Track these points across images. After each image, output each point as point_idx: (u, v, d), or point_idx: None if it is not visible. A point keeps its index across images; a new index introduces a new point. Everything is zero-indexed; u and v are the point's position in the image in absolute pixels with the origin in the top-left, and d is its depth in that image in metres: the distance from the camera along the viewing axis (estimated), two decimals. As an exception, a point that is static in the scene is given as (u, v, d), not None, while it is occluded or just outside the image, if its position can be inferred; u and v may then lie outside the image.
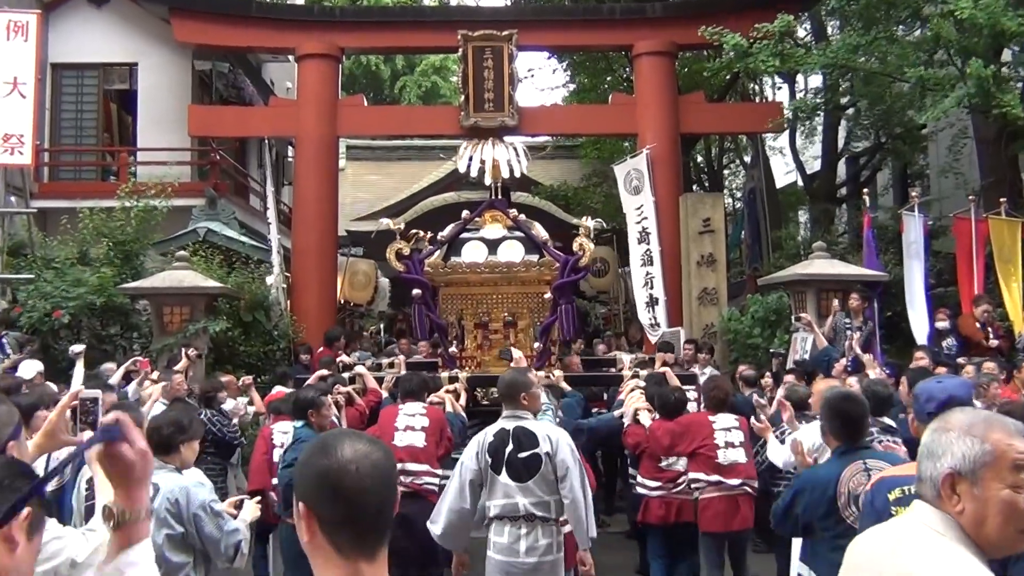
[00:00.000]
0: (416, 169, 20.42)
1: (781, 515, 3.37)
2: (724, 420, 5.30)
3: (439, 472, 5.42)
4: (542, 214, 16.06)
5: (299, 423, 4.90)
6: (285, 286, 10.60)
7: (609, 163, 14.16)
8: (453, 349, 8.16)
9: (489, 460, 4.00)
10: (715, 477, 5.14)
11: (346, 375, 7.30)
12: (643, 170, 10.88)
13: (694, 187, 16.88)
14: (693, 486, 5.25)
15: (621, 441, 5.80)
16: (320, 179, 11.32)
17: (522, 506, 3.95)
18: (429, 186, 18.59)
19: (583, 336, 14.84)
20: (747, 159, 16.52)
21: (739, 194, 19.12)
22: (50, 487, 3.72)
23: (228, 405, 6.64)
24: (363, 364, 7.93)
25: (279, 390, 7.17)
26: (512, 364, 4.98)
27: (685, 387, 6.16)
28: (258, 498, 3.81)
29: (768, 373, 7.38)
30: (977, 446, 1.54)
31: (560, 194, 16.40)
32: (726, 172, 19.62)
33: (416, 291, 7.96)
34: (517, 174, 8.69)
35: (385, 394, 7.23)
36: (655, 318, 10.49)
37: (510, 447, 3.99)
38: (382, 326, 16.92)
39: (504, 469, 3.98)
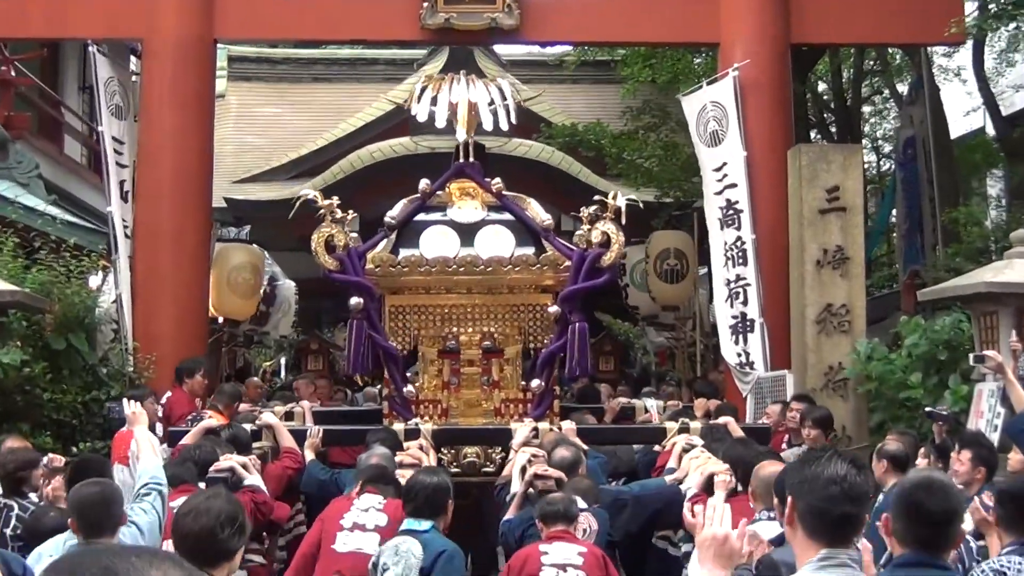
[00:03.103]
0: (344, 97, 20.47)
1: None
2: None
3: None
4: (556, 175, 16.18)
5: (424, 524, 5.48)
6: (121, 292, 10.60)
7: (671, 93, 14.22)
8: (409, 389, 8.29)
9: None
10: None
11: (248, 426, 7.67)
12: (728, 105, 10.94)
13: (813, 135, 16.95)
14: None
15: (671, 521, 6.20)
16: (184, 112, 11.33)
17: None
18: (366, 126, 18.65)
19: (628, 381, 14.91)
20: (903, 90, 16.61)
21: (888, 148, 19.23)
22: None
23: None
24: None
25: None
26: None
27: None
28: None
29: (929, 451, 7.39)
30: None
31: (588, 141, 16.45)
32: (866, 110, 19.71)
33: (355, 300, 8.16)
34: (504, 126, 8.87)
35: (310, 455, 7.65)
36: (747, 353, 10.56)
37: None
38: (283, 361, 17.00)
39: None
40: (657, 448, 7.83)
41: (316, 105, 20.87)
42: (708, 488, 6.27)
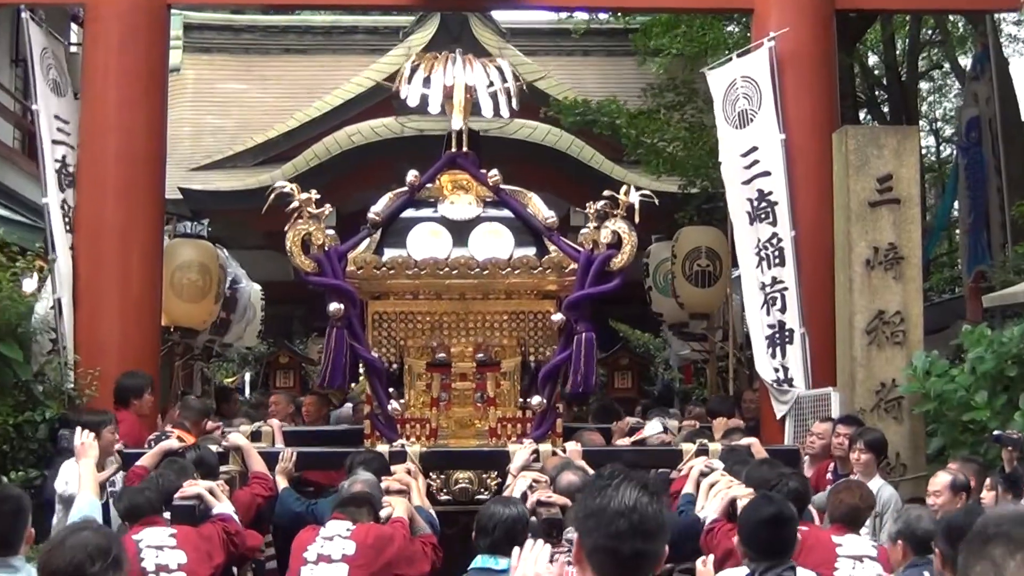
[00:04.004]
0: (319, 71, 20.52)
1: None
2: (855, 545, 6.08)
3: None
4: (565, 161, 16.19)
5: (501, 562, 5.40)
6: (61, 296, 10.61)
7: (699, 66, 14.22)
8: (395, 406, 8.40)
9: None
10: None
11: (215, 448, 7.85)
12: (761, 81, 10.92)
13: (862, 115, 16.97)
14: None
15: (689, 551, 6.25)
16: (132, 88, 11.34)
17: None
18: (344, 105, 18.69)
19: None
20: (965, 63, 16.62)
21: (949, 131, 19.25)
22: None
23: None
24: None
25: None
26: None
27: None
28: None
29: (997, 481, 7.42)
30: None
31: (600, 121, 16.46)
32: (924, 87, 19.73)
33: (335, 306, 8.23)
34: (504, 113, 8.93)
35: (283, 483, 7.74)
36: (785, 368, 10.56)
37: None
38: (247, 377, 17.03)
39: None
40: (674, 475, 7.84)
41: (286, 80, 20.91)
42: (731, 514, 6.33)
